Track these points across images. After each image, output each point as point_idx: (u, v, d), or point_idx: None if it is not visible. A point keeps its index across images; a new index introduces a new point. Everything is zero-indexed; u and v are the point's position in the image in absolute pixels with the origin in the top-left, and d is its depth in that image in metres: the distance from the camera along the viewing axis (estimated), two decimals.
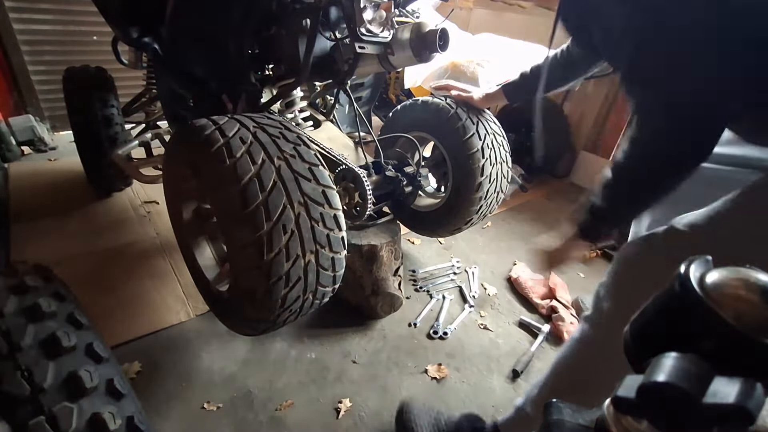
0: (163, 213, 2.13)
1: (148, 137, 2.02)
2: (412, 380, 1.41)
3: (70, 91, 2.03)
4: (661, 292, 0.32)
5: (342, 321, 1.61)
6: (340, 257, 1.03)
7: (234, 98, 1.43)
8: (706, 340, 0.28)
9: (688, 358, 0.27)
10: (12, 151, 2.55)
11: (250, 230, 0.87)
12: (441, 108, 1.58)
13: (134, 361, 1.34)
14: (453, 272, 1.97)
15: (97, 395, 0.62)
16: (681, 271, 0.31)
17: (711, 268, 0.32)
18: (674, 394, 0.25)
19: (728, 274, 0.30)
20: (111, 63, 2.05)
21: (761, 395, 0.24)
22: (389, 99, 3.36)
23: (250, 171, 0.88)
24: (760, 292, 0.28)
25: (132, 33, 1.41)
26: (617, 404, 0.30)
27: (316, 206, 0.95)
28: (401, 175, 1.62)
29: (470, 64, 2.33)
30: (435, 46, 1.18)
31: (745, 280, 0.29)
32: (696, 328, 0.29)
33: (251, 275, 0.92)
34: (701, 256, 0.32)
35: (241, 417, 1.23)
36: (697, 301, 0.29)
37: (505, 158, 1.64)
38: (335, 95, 1.74)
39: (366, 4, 1.11)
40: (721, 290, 0.29)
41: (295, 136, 1.01)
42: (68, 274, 0.95)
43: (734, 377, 0.25)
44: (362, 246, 1.52)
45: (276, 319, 1.02)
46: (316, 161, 0.99)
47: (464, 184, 1.59)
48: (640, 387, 0.27)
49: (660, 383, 0.26)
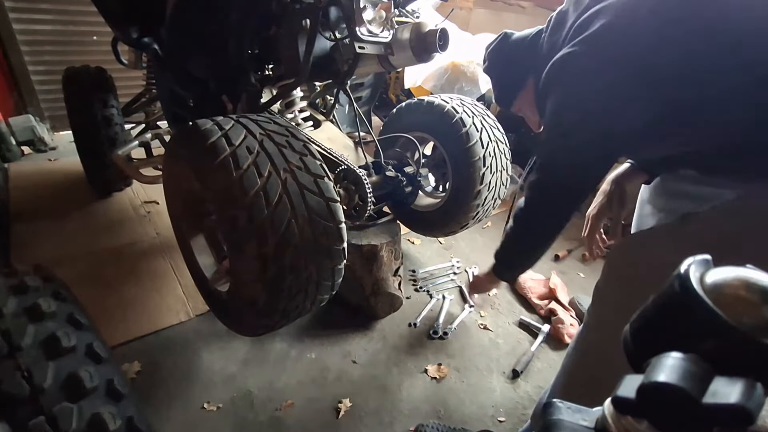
0: (163, 213, 2.13)
1: (148, 137, 2.01)
2: (412, 380, 1.41)
3: (70, 91, 2.03)
4: (661, 292, 0.32)
5: (342, 321, 1.60)
6: (339, 268, 1.03)
7: (234, 98, 1.43)
8: (706, 340, 0.28)
9: (688, 358, 0.27)
10: (12, 151, 2.55)
11: (255, 245, 0.87)
12: (446, 111, 1.57)
13: (134, 361, 1.34)
14: (453, 272, 1.97)
15: (97, 396, 0.62)
16: (681, 271, 0.31)
17: (711, 267, 0.32)
18: (674, 394, 0.25)
19: (728, 274, 0.30)
20: (111, 63, 2.05)
21: (761, 395, 0.24)
22: (389, 99, 3.36)
23: (257, 184, 0.86)
24: (760, 293, 0.28)
25: (132, 33, 1.41)
26: (617, 404, 0.30)
27: (320, 220, 0.94)
28: (401, 175, 1.62)
29: (470, 64, 2.33)
30: (435, 46, 1.18)
31: (745, 280, 0.29)
32: (696, 328, 0.29)
33: (254, 287, 0.92)
34: (701, 256, 0.32)
35: (241, 417, 1.23)
36: (697, 301, 0.29)
37: (505, 166, 1.64)
38: (335, 95, 1.73)
39: (366, 4, 1.10)
40: (721, 290, 0.29)
41: (302, 144, 0.99)
42: (68, 274, 0.96)
43: (734, 377, 0.25)
44: (362, 246, 1.52)
45: (275, 325, 1.03)
46: (321, 173, 0.98)
47: (463, 191, 1.59)
48: (640, 387, 0.27)
49: (660, 383, 0.26)
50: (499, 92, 1.12)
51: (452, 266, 2.00)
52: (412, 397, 1.34)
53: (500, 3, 3.47)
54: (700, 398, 0.25)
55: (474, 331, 1.66)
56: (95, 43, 2.81)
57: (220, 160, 0.88)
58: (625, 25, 0.73)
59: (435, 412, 1.31)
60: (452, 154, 1.59)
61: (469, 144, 1.52)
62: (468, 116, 1.55)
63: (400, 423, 1.26)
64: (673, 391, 0.25)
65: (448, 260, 2.05)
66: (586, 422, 0.34)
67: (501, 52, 1.06)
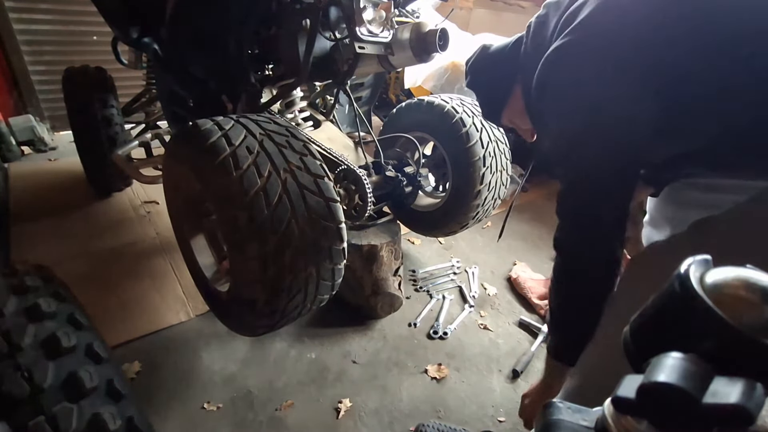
0: (163, 213, 2.13)
1: (148, 137, 2.02)
2: (412, 380, 1.40)
3: (70, 91, 2.03)
4: (661, 292, 0.32)
5: (342, 321, 1.60)
6: (339, 268, 1.03)
7: (234, 98, 1.43)
8: (706, 340, 0.28)
9: (688, 358, 0.27)
10: (12, 151, 2.55)
11: (255, 245, 0.87)
12: (446, 112, 1.57)
13: (134, 361, 1.34)
14: (453, 272, 1.97)
15: (97, 395, 0.62)
16: (681, 271, 0.31)
17: (711, 267, 0.32)
18: (674, 394, 0.25)
19: (728, 273, 0.30)
20: (111, 63, 2.05)
21: (761, 395, 0.24)
22: (389, 99, 3.36)
23: (257, 184, 0.87)
24: (760, 292, 0.28)
25: (132, 33, 1.41)
26: (617, 404, 0.30)
27: (320, 220, 0.94)
28: (401, 175, 1.62)
29: None
30: (435, 46, 1.18)
31: (745, 280, 0.29)
32: (696, 328, 0.29)
33: (253, 288, 0.92)
34: (701, 256, 0.32)
35: (241, 417, 1.23)
36: (697, 300, 0.29)
37: (505, 166, 1.64)
38: (335, 95, 1.73)
39: (366, 4, 1.10)
40: (721, 290, 0.29)
41: (302, 144, 1.00)
42: (68, 274, 0.95)
43: (734, 377, 0.25)
44: (362, 246, 1.52)
45: (275, 325, 1.03)
46: (321, 173, 0.98)
47: (463, 191, 1.59)
48: (640, 387, 0.27)
49: (660, 383, 0.26)
50: (486, 106, 1.08)
51: (452, 266, 2.00)
52: (412, 397, 1.34)
53: (500, 3, 3.47)
54: (700, 398, 0.25)
55: (474, 331, 1.66)
56: (95, 43, 2.81)
57: (220, 160, 0.88)
58: (621, 4, 0.69)
59: (435, 412, 1.31)
60: (452, 154, 1.59)
61: (469, 144, 1.52)
62: (468, 116, 1.55)
63: (400, 423, 1.26)
64: (673, 391, 0.25)
65: (448, 260, 2.05)
66: (586, 422, 0.34)
67: (482, 63, 1.02)
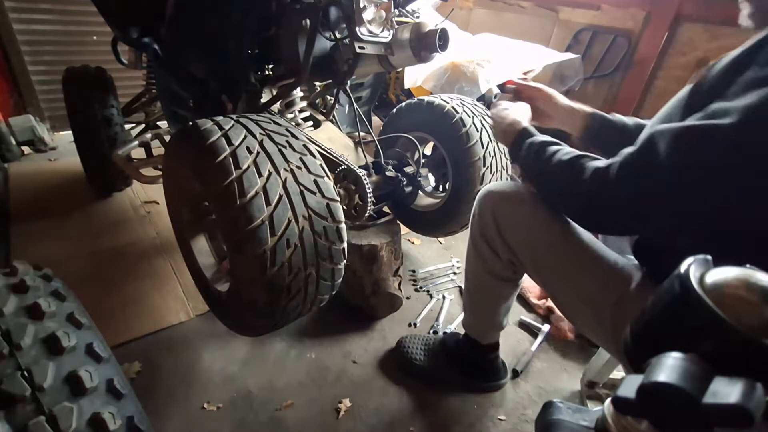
0: (163, 213, 2.13)
1: (148, 137, 2.01)
2: (413, 380, 1.40)
3: (70, 91, 2.03)
4: (661, 293, 0.32)
5: (342, 321, 1.60)
6: (339, 268, 1.03)
7: (234, 98, 1.43)
8: (706, 341, 0.28)
9: (688, 358, 0.27)
10: (12, 151, 2.55)
11: (254, 245, 0.87)
12: (446, 112, 1.57)
13: (134, 361, 1.34)
14: (453, 272, 1.97)
15: (97, 395, 0.61)
16: (681, 271, 0.31)
17: (711, 267, 0.31)
18: (674, 394, 0.25)
19: (728, 274, 0.30)
20: (111, 63, 2.04)
21: (761, 395, 0.24)
22: (389, 99, 3.36)
23: (257, 184, 0.87)
24: (760, 292, 0.28)
25: (132, 33, 1.41)
26: (617, 404, 0.30)
27: (320, 220, 0.94)
28: (401, 175, 1.62)
29: (470, 64, 2.32)
30: (435, 46, 1.18)
31: (745, 280, 0.29)
32: (696, 329, 0.29)
33: (253, 288, 0.92)
34: (701, 256, 0.32)
35: (241, 417, 1.23)
36: (697, 301, 0.28)
37: (505, 166, 1.64)
38: (335, 95, 1.73)
39: (366, 4, 1.10)
40: (721, 290, 0.29)
41: (302, 144, 1.00)
42: (68, 274, 0.95)
43: (734, 377, 0.25)
44: (362, 246, 1.52)
45: (275, 325, 1.03)
46: (321, 173, 0.98)
47: (463, 191, 1.58)
48: (640, 387, 0.27)
49: (660, 383, 0.26)
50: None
51: (452, 266, 2.00)
52: (413, 397, 1.34)
53: (500, 3, 3.47)
54: (700, 398, 0.25)
55: None
56: (95, 43, 2.80)
57: (219, 160, 0.88)
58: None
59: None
60: (452, 154, 1.59)
61: (469, 144, 1.52)
62: (468, 116, 1.54)
63: (400, 423, 1.26)
64: (673, 391, 0.25)
65: (448, 260, 2.05)
66: (586, 422, 0.34)
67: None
